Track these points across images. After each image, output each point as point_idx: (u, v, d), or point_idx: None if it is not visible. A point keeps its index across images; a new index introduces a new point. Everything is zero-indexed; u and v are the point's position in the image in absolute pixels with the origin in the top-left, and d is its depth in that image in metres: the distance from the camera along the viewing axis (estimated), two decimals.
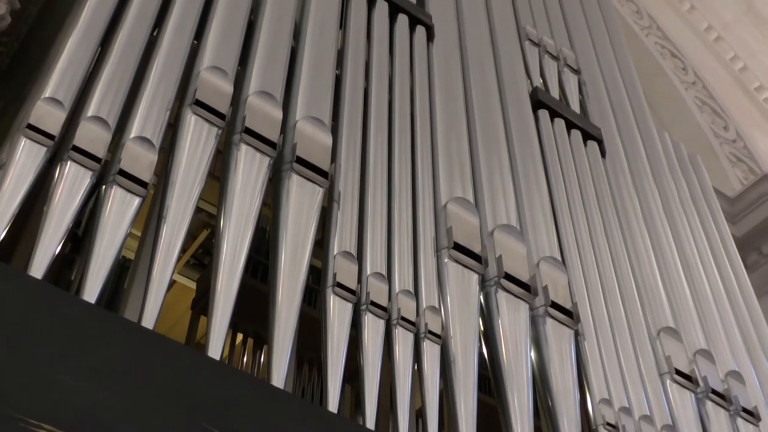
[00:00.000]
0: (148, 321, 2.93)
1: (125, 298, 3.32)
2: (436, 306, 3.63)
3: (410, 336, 3.47)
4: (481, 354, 3.66)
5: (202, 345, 3.08)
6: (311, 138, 3.79)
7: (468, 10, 5.67)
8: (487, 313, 3.82)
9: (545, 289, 3.98)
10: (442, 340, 3.54)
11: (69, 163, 3.12)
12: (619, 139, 5.83)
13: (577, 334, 4.00)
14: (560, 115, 5.57)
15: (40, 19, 4.52)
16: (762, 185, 7.65)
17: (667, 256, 5.03)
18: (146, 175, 3.20)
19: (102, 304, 3.05)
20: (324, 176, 3.68)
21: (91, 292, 2.89)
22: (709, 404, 4.24)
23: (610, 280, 4.53)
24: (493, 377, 3.67)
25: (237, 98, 3.80)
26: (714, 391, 4.27)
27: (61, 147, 3.19)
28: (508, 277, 3.90)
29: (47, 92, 3.28)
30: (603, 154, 5.61)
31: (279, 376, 3.08)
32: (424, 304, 3.62)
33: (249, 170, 3.50)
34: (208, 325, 3.07)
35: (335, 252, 3.55)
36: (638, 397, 3.98)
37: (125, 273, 4.28)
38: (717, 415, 4.22)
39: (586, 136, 5.62)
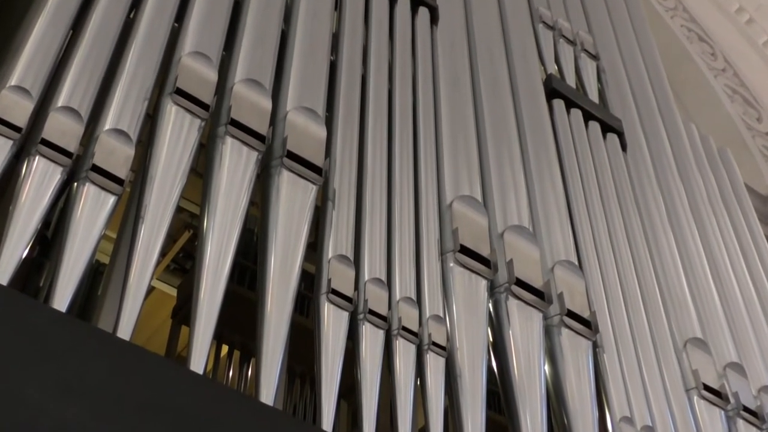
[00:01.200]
0: (124, 331, 2.93)
1: (99, 306, 3.32)
2: (441, 315, 3.64)
3: (412, 348, 3.48)
4: (490, 368, 3.66)
5: (184, 357, 3.08)
6: (303, 130, 3.79)
7: None
8: (496, 323, 3.83)
9: (560, 296, 3.99)
10: (448, 352, 3.54)
11: (37, 158, 3.12)
12: (642, 131, 5.83)
13: (595, 345, 4.00)
14: (577, 105, 5.57)
15: (5, 0, 4.52)
16: None
17: (694, 260, 5.03)
18: (122, 171, 3.20)
19: (73, 313, 3.05)
20: (317, 172, 3.68)
21: (61, 300, 2.89)
22: (740, 422, 4.24)
23: (632, 287, 4.53)
24: (504, 393, 3.68)
25: (222, 87, 3.80)
26: (746, 409, 4.27)
27: (28, 140, 3.19)
28: (520, 283, 3.90)
29: (13, 80, 3.27)
30: (624, 147, 5.61)
31: (268, 392, 3.08)
32: (427, 312, 3.62)
33: (235, 166, 3.50)
34: (190, 335, 3.07)
35: (330, 256, 3.55)
36: (663, 415, 3.98)
37: (99, 278, 4.28)
38: None
39: (606, 128, 5.62)
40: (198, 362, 3.00)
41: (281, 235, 3.44)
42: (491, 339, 3.80)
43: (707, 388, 4.22)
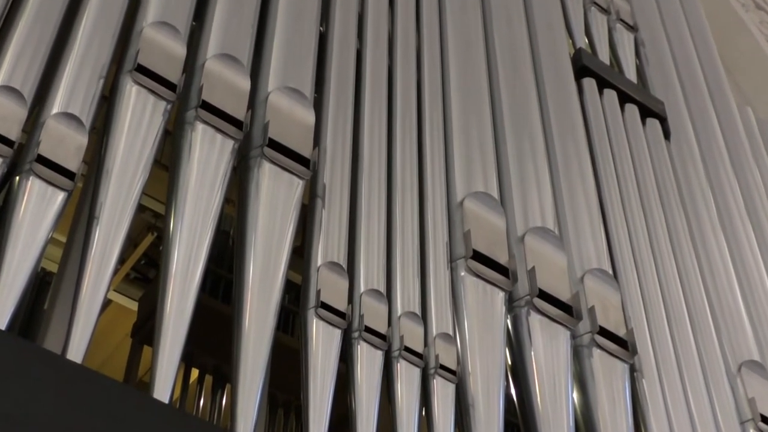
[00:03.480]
0: (76, 353, 2.93)
1: (46, 322, 3.32)
2: (450, 333, 3.64)
3: (416, 372, 3.48)
4: (508, 395, 3.66)
5: (146, 383, 3.08)
6: (288, 115, 3.79)
7: None
8: (515, 342, 3.83)
9: (592, 311, 3.99)
10: (458, 377, 3.55)
11: None
12: (688, 115, 5.83)
13: (633, 369, 4.00)
14: (611, 85, 5.57)
15: None
16: None
17: (750, 268, 5.03)
18: (73, 162, 3.20)
19: (15, 331, 3.05)
20: (304, 164, 3.68)
21: (1, 315, 2.89)
22: None
23: (677, 300, 4.54)
24: (524, 425, 3.68)
25: (191, 63, 3.80)
26: None
27: None
28: (544, 296, 3.90)
29: None
30: (667, 135, 5.61)
31: (246, 424, 3.08)
32: (434, 330, 3.63)
33: (207, 156, 3.50)
34: (153, 357, 3.07)
35: (319, 263, 3.55)
36: None
37: (46, 290, 4.28)
38: None
39: (645, 113, 5.62)
40: (163, 389, 3.00)
41: (262, 238, 3.44)
42: (509, 361, 3.80)
43: (765, 419, 4.23)
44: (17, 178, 3.15)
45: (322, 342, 3.37)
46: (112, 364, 4.88)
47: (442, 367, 3.51)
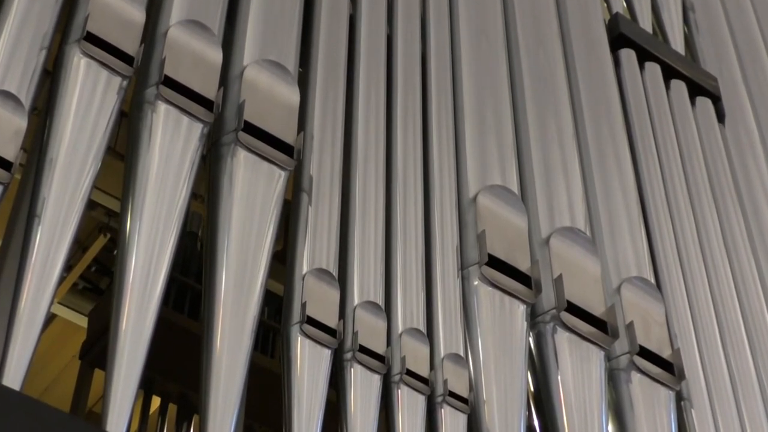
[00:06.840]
0: (13, 378, 2.93)
1: None
2: (461, 353, 3.65)
3: (421, 399, 3.48)
4: (530, 427, 3.66)
5: (98, 414, 3.08)
6: (267, 93, 3.79)
7: None
8: (539, 364, 3.83)
9: (630, 327, 3.99)
10: (471, 406, 3.55)
11: None
12: (747, 94, 5.82)
13: (680, 397, 4.01)
14: (654, 58, 5.57)
15: None
16: None
17: None
18: (10, 150, 3.19)
19: None
20: (287, 152, 3.68)
21: None
22: None
23: (731, 315, 4.54)
24: None
25: (152, 31, 3.80)
26: None
27: None
28: (573, 309, 3.91)
29: None
30: (720, 117, 5.61)
31: None
32: (442, 350, 3.63)
33: (171, 142, 3.50)
34: (106, 383, 3.07)
35: (305, 270, 3.56)
36: None
37: None
38: None
39: (695, 90, 5.62)
40: (118, 421, 2.99)
41: (236, 241, 3.44)
42: (532, 387, 3.81)
43: None
44: None
45: (309, 364, 3.37)
46: (57, 391, 4.88)
47: (452, 395, 3.52)
